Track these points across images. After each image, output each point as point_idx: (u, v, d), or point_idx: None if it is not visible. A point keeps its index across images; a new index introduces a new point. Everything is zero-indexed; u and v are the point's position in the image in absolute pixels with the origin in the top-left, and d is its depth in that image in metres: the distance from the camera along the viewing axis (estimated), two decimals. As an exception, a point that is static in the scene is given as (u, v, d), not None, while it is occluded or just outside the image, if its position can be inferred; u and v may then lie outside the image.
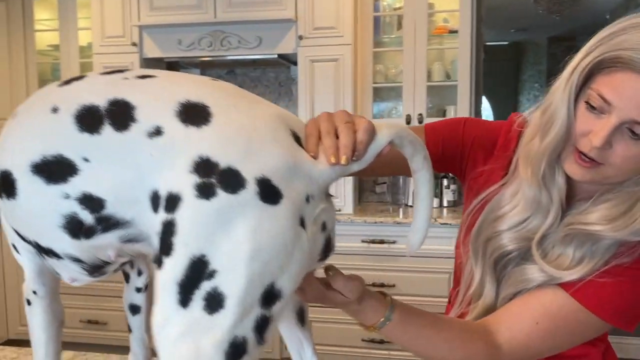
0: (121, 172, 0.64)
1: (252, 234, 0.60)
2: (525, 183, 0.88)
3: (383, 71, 3.22)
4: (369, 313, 0.82)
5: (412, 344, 0.85)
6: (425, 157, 0.75)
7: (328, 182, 0.68)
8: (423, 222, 0.77)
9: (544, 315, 0.86)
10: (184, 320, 0.60)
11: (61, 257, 0.73)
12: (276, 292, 0.63)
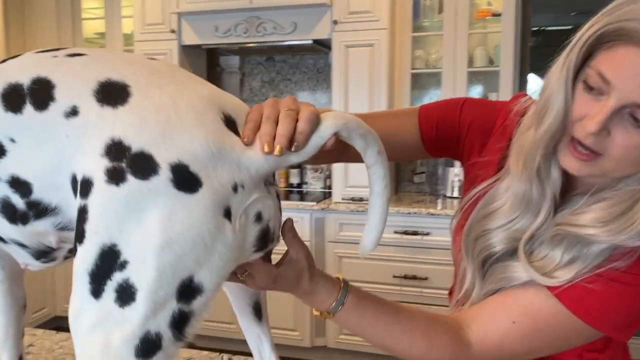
0: (43, 154, 0.62)
1: (164, 224, 0.56)
2: (516, 178, 0.79)
3: (423, 57, 3.10)
4: (322, 295, 0.77)
5: (369, 332, 0.79)
6: (380, 151, 0.69)
7: (263, 172, 0.63)
8: (377, 222, 0.71)
9: (524, 315, 0.77)
10: (96, 312, 0.58)
11: (7, 241, 0.72)
12: (195, 287, 0.59)
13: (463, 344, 0.79)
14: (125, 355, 0.57)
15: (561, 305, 0.75)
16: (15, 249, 0.73)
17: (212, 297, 0.62)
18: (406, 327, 0.79)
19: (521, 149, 0.79)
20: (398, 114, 1.02)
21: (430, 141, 0.95)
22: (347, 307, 0.77)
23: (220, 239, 0.59)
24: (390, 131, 0.94)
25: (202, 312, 0.62)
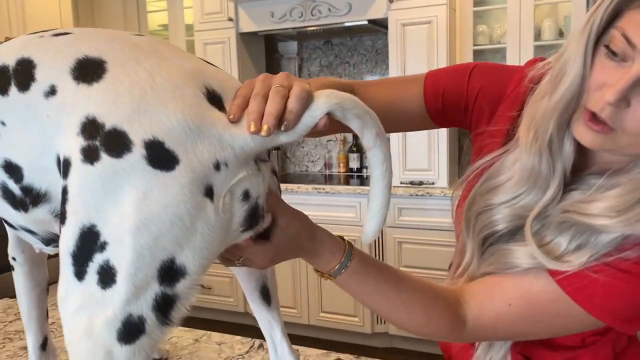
0: (29, 136, 0.62)
1: (139, 204, 0.55)
2: (525, 150, 0.72)
3: (486, 32, 2.93)
4: (325, 257, 0.72)
5: (369, 299, 0.75)
6: (378, 133, 0.63)
7: (249, 150, 0.59)
8: (379, 208, 0.66)
9: (520, 298, 0.72)
10: (80, 294, 0.57)
11: (16, 228, 0.74)
12: (178, 269, 0.57)
13: (459, 320, 0.75)
14: (108, 338, 0.56)
15: (562, 291, 0.69)
16: (25, 235, 0.75)
17: (198, 279, 0.60)
18: (406, 299, 0.75)
19: (533, 119, 0.72)
20: (403, 80, 0.95)
21: (436, 110, 0.88)
22: (349, 271, 0.72)
23: (201, 219, 0.57)
24: (393, 100, 0.88)
25: (189, 296, 0.60)
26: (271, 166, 0.67)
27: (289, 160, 3.79)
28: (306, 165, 3.74)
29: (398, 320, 0.76)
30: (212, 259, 0.60)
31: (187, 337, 1.16)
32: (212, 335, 1.17)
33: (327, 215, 2.99)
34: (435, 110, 0.88)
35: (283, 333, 0.81)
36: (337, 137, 3.56)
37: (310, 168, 3.73)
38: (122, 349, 0.56)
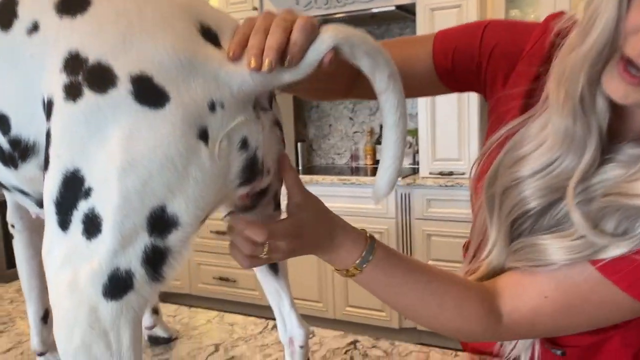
0: (14, 80, 0.57)
1: (125, 144, 0.50)
2: (556, 110, 0.63)
3: (519, 17, 2.82)
4: (347, 245, 0.66)
5: (395, 294, 0.68)
6: (392, 74, 0.57)
7: (248, 90, 0.54)
8: (391, 161, 0.60)
9: (556, 289, 0.64)
10: (64, 246, 0.52)
11: (9, 189, 0.70)
12: (169, 219, 0.52)
13: (494, 315, 0.67)
14: (93, 293, 0.51)
15: (604, 279, 0.61)
16: (20, 197, 0.70)
17: (192, 232, 0.54)
18: (436, 290, 0.68)
19: (562, 74, 0.63)
20: (411, 40, 0.87)
21: (446, 72, 0.80)
22: (374, 262, 0.66)
23: (194, 163, 0.51)
24: (400, 61, 0.80)
25: (182, 250, 0.54)
26: (274, 117, 0.61)
27: (314, 153, 3.73)
28: (332, 158, 3.68)
29: (428, 316, 0.69)
30: (207, 212, 0.55)
31: (200, 317, 1.12)
32: (225, 316, 1.12)
33: (352, 207, 2.93)
34: (445, 71, 0.80)
35: (292, 304, 0.75)
36: (364, 128, 3.49)
37: (337, 160, 3.66)
38: (107, 306, 0.51)
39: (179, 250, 0.54)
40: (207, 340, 1.01)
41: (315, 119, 3.68)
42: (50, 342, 0.90)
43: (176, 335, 1.02)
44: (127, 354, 0.52)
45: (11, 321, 1.15)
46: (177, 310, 1.16)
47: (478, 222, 0.74)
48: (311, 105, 3.68)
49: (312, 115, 3.69)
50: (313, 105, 3.67)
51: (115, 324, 0.52)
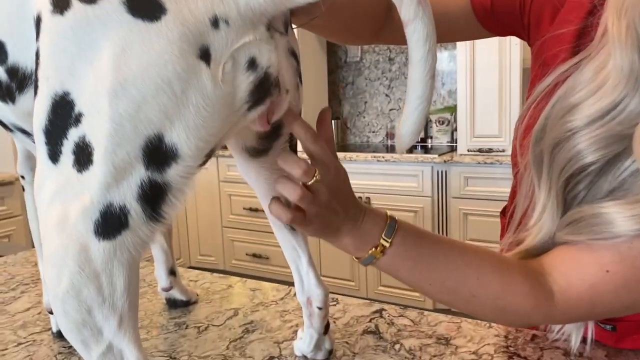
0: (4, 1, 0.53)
1: (116, 61, 0.44)
2: (618, 45, 0.53)
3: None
4: (367, 225, 0.60)
5: (426, 271, 0.60)
6: (421, 1, 0.49)
7: (257, 8, 0.47)
8: (418, 102, 0.52)
9: (620, 262, 0.55)
10: (55, 180, 0.47)
11: (11, 129, 0.65)
12: (168, 150, 0.46)
13: (543, 292, 0.58)
14: (83, 230, 0.46)
15: None
16: (22, 137, 0.66)
17: (195, 166, 0.48)
18: (472, 260, 0.60)
19: (622, 5, 0.53)
20: None
21: (485, 11, 0.72)
22: (400, 237, 0.59)
23: (194, 87, 0.45)
24: (436, 1, 0.73)
25: (183, 187, 0.48)
26: (289, 45, 0.54)
27: (349, 131, 3.66)
28: (367, 136, 3.59)
29: (466, 295, 0.60)
30: (212, 143, 0.48)
31: (221, 282, 1.07)
32: (248, 282, 1.07)
33: (387, 184, 2.85)
34: (483, 10, 0.72)
35: (310, 263, 0.69)
36: (401, 105, 3.39)
37: (372, 139, 3.58)
38: (99, 245, 0.46)
39: (180, 187, 0.48)
40: (226, 304, 0.96)
41: (350, 96, 3.60)
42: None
43: (195, 299, 0.98)
44: (121, 301, 0.47)
45: (33, 282, 1.13)
46: (199, 275, 1.12)
47: (524, 185, 0.64)
48: (346, 82, 3.60)
49: (347, 93, 3.61)
50: (348, 82, 3.59)
51: (107, 266, 0.47)
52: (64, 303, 0.47)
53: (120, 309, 0.48)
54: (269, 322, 0.88)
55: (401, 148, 0.56)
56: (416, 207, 2.78)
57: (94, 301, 0.47)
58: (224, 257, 3.50)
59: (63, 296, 0.47)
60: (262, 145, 0.60)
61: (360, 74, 3.54)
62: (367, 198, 2.88)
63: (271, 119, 0.53)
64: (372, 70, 3.49)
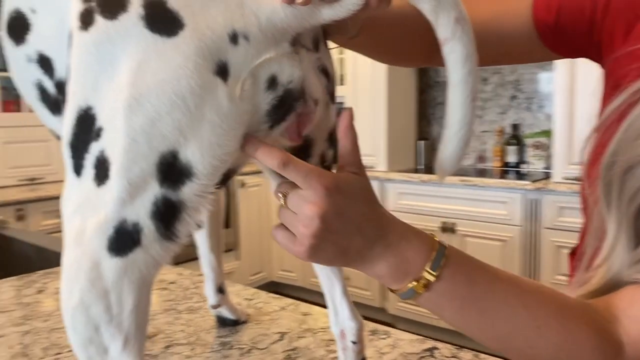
0: (50, 17, 0.55)
1: (133, 76, 0.44)
2: None
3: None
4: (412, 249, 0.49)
5: (476, 314, 0.50)
6: (459, 19, 0.46)
7: (280, 23, 0.45)
8: (458, 127, 0.48)
9: None
10: (78, 192, 0.48)
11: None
12: (182, 167, 0.45)
13: (612, 343, 0.50)
14: (97, 246, 0.46)
15: None
16: None
17: (210, 185, 0.46)
18: (531, 303, 0.51)
19: None
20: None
21: (549, 29, 0.64)
22: (451, 269, 0.49)
23: (209, 103, 0.44)
24: (493, 16, 0.66)
25: (199, 206, 0.47)
26: (320, 62, 0.51)
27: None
28: (457, 159, 3.46)
29: (522, 344, 0.50)
30: (227, 162, 0.46)
31: (275, 304, 1.05)
32: (300, 306, 1.04)
33: (473, 210, 2.71)
34: (547, 28, 0.64)
35: (343, 292, 0.64)
36: (493, 127, 3.24)
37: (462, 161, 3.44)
38: (111, 262, 0.45)
39: (195, 205, 0.46)
40: (274, 327, 0.94)
41: (439, 117, 3.50)
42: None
43: (244, 319, 0.97)
44: (128, 321, 0.46)
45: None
46: (255, 294, 1.11)
47: (594, 222, 0.56)
48: (436, 102, 3.50)
49: (437, 112, 3.51)
50: (438, 102, 3.49)
51: (117, 284, 0.46)
52: (73, 318, 0.46)
53: (127, 329, 0.46)
54: (313, 351, 0.84)
55: (442, 174, 0.52)
56: (504, 237, 2.62)
57: (102, 319, 0.46)
58: (303, 274, 3.50)
59: (73, 311, 0.46)
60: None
61: (451, 94, 3.43)
62: (452, 224, 2.77)
63: (302, 131, 0.50)
64: (464, 91, 3.37)
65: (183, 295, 1.12)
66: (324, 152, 0.57)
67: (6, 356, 0.85)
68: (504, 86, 3.21)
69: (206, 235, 0.88)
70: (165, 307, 1.05)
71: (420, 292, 0.49)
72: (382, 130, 3.18)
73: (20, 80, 0.63)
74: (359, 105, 3.25)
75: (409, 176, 2.94)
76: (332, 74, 0.54)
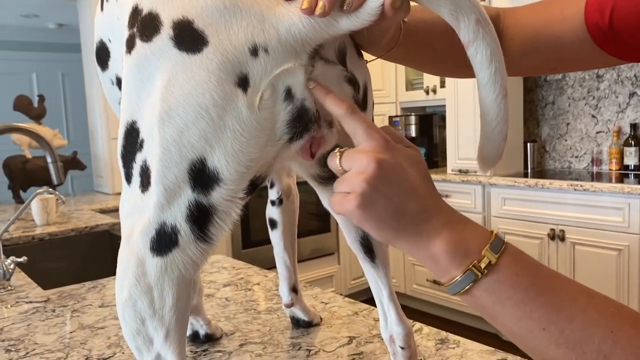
0: (118, 45, 0.61)
1: (164, 91, 0.48)
2: None
3: None
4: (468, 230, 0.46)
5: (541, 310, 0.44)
6: (480, 19, 0.46)
7: (298, 35, 0.47)
8: (493, 125, 0.49)
9: None
10: (129, 199, 0.53)
11: None
12: (210, 173, 0.48)
13: None
14: (142, 246, 0.50)
15: None
16: None
17: (238, 190, 0.49)
18: (604, 307, 0.45)
19: None
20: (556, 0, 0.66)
21: (602, 32, 0.60)
22: (511, 255, 0.45)
23: (230, 112, 0.47)
24: (545, 21, 0.64)
25: (229, 210, 0.50)
26: (343, 72, 0.52)
27: (548, 155, 3.34)
28: (569, 162, 3.24)
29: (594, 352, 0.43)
30: (252, 168, 0.49)
31: (349, 308, 1.06)
32: (374, 312, 1.04)
33: (585, 217, 2.52)
34: (600, 31, 0.60)
35: (391, 297, 0.64)
36: (610, 128, 2.99)
37: (574, 164, 3.21)
38: (153, 261, 0.50)
39: (226, 209, 0.49)
40: (345, 331, 0.95)
41: (549, 117, 3.30)
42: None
43: (317, 322, 0.99)
44: (169, 315, 0.50)
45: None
46: (331, 298, 1.13)
47: None
48: (546, 102, 3.30)
49: (547, 113, 3.31)
50: (548, 102, 3.29)
51: (159, 281, 0.50)
52: (123, 311, 0.51)
53: (168, 323, 0.50)
54: (377, 356, 0.84)
55: (485, 170, 0.53)
56: (620, 245, 2.41)
57: (147, 313, 0.50)
58: (404, 280, 3.47)
59: (123, 305, 0.51)
60: (325, 172, 0.58)
61: (562, 93, 3.22)
62: (560, 231, 2.59)
63: (315, 152, 0.52)
64: (577, 89, 3.15)
65: (264, 296, 1.17)
66: None
67: (103, 345, 0.95)
68: (622, 83, 2.95)
69: (281, 235, 0.91)
70: (247, 307, 1.11)
71: (479, 278, 0.44)
72: (485, 133, 3.06)
73: (110, 100, 0.71)
74: (460, 106, 3.16)
75: (514, 180, 2.80)
76: (363, 84, 0.55)
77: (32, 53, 5.61)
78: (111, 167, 3.21)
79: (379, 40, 0.55)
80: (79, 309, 1.15)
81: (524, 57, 0.67)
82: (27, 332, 1.02)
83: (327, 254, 3.49)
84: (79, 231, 2.07)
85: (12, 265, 1.36)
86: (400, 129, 3.69)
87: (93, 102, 3.30)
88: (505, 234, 2.87)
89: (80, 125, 5.67)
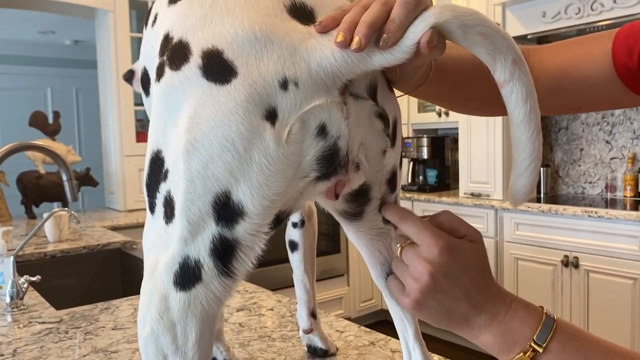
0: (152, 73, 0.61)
1: (190, 122, 0.47)
2: None
3: None
4: (517, 320, 0.51)
5: None
6: (516, 60, 0.46)
7: (330, 70, 0.47)
8: (527, 162, 0.49)
9: None
10: (153, 230, 0.53)
11: None
12: (235, 207, 0.48)
13: None
14: (165, 280, 0.49)
15: None
16: None
17: (263, 225, 0.48)
18: None
19: None
20: (587, 38, 0.67)
21: (630, 73, 0.60)
22: (560, 341, 0.49)
23: (257, 146, 0.46)
24: (571, 61, 0.63)
25: (253, 245, 0.49)
26: (374, 108, 0.52)
27: (561, 180, 3.31)
28: (582, 187, 3.21)
29: None
30: (278, 203, 0.48)
31: (365, 337, 1.04)
32: (391, 342, 1.02)
33: (599, 244, 2.49)
34: (628, 72, 0.60)
35: (416, 336, 0.62)
36: (625, 154, 2.97)
37: (588, 190, 3.18)
38: (176, 296, 0.49)
39: (249, 244, 0.48)
40: (360, 362, 0.93)
41: (563, 142, 3.28)
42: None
43: (334, 351, 0.97)
44: (191, 352, 0.49)
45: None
46: (347, 326, 1.11)
47: None
48: (559, 127, 3.29)
49: (560, 138, 3.29)
50: (562, 126, 3.28)
51: (182, 317, 0.49)
52: (145, 347, 0.50)
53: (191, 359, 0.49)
54: (395, 390, 0.82)
55: (517, 205, 0.54)
56: (635, 274, 2.37)
57: (169, 349, 0.49)
58: (415, 304, 3.42)
59: (145, 340, 0.50)
60: (352, 208, 0.57)
61: (576, 118, 3.21)
62: (574, 257, 2.56)
63: (339, 193, 0.51)
64: (591, 115, 3.14)
65: (279, 322, 1.16)
66: (385, 196, 0.57)
67: (115, 371, 0.94)
68: (637, 109, 2.94)
69: (302, 258, 0.90)
70: (260, 334, 1.09)
71: None
72: (499, 156, 3.05)
73: None
74: (472, 129, 3.15)
75: (527, 205, 2.77)
76: (393, 119, 0.54)
77: (48, 68, 5.69)
78: (123, 183, 3.22)
79: (410, 77, 0.54)
80: (92, 330, 1.14)
81: (548, 96, 0.66)
82: (40, 355, 1.01)
83: (336, 275, 3.46)
84: (90, 249, 2.07)
85: (26, 285, 1.35)
86: (412, 150, 3.68)
87: (107, 119, 3.32)
88: (517, 260, 2.84)
89: (92, 140, 5.72)
